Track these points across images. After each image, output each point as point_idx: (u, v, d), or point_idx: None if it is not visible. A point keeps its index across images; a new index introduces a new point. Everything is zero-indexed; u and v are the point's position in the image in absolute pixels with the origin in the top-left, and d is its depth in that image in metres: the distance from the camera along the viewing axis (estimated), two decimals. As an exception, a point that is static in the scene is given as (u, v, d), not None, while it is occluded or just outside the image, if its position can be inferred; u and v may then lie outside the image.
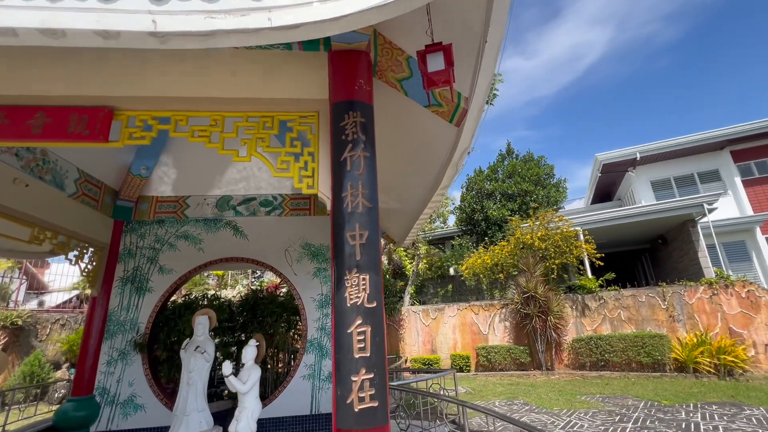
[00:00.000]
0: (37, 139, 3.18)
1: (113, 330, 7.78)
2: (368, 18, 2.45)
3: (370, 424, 2.61)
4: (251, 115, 3.56)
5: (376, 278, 2.97)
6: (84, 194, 7.38)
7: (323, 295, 8.55)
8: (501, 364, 10.69)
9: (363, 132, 3.36)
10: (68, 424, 6.93)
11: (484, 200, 19.96)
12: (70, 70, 3.35)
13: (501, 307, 11.62)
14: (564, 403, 6.72)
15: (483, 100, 3.51)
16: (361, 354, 2.74)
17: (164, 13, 2.22)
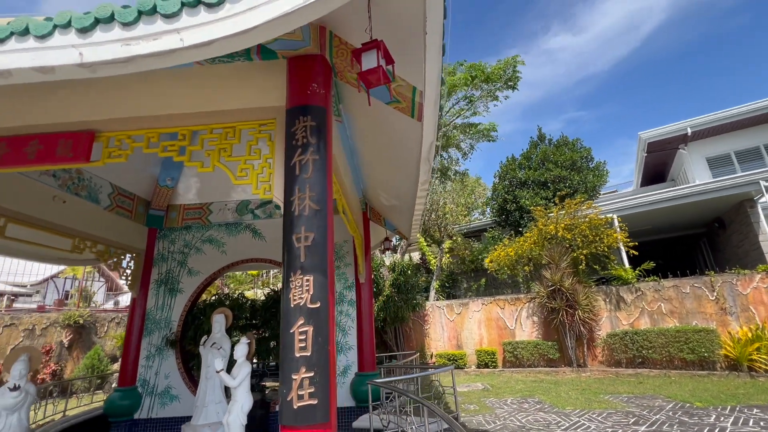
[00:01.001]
0: (32, 164, 3.62)
1: (151, 328, 8.56)
2: (276, 29, 2.51)
3: (309, 422, 2.68)
4: (215, 127, 3.75)
5: (321, 279, 3.03)
6: (118, 206, 8.18)
7: (337, 293, 8.76)
8: (528, 360, 10.25)
9: (314, 136, 3.41)
10: (115, 412, 7.78)
11: (516, 189, 19.14)
12: (58, 100, 3.75)
13: (527, 301, 11.11)
14: (582, 402, 6.33)
15: (435, 92, 3.42)
16: (301, 353, 2.82)
17: (88, 45, 2.44)
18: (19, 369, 4.56)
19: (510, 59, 15.05)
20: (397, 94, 3.79)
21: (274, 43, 3.23)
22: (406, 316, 11.41)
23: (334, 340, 3.05)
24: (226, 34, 2.44)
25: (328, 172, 3.42)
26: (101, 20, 2.44)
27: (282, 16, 2.41)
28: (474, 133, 16.99)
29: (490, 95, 15.62)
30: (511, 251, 11.08)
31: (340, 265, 8.92)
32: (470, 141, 17.58)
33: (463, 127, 16.71)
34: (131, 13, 2.43)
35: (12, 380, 4.48)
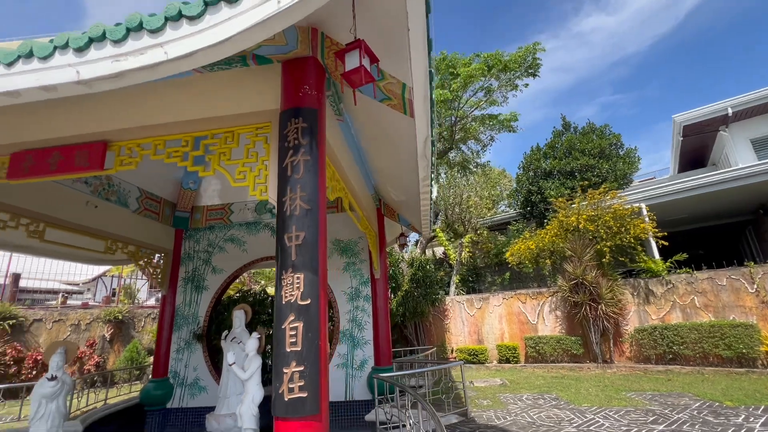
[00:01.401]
0: (54, 174, 3.94)
1: (180, 323, 9.07)
2: (253, 37, 2.59)
3: (299, 413, 2.79)
4: (215, 132, 3.92)
5: (312, 277, 3.12)
6: (146, 209, 8.70)
7: (353, 288, 8.91)
8: (551, 355, 9.97)
9: (305, 137, 3.49)
10: (150, 401, 8.33)
11: (541, 180, 18.55)
12: (74, 114, 4.05)
13: (550, 295, 10.77)
14: (601, 399, 6.12)
15: (424, 87, 3.41)
16: (292, 348, 2.92)
17: (84, 63, 2.63)
18: (57, 361, 5.00)
19: (530, 46, 14.51)
20: (388, 92, 3.80)
21: (261, 49, 3.32)
22: (426, 311, 11.40)
23: (325, 336, 3.13)
24: (205, 45, 2.56)
25: (320, 173, 3.49)
26: (94, 39, 2.62)
27: (256, 24, 2.49)
28: (494, 123, 16.55)
29: (509, 84, 15.16)
30: (532, 244, 10.76)
31: (355, 261, 9.05)
32: (490, 132, 17.16)
33: (482, 118, 16.33)
34: (120, 31, 2.59)
35: (50, 371, 4.92)
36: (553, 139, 19.84)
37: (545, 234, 10.53)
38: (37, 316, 10.43)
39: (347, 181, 5.72)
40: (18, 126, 4.07)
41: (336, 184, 5.18)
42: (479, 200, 21.53)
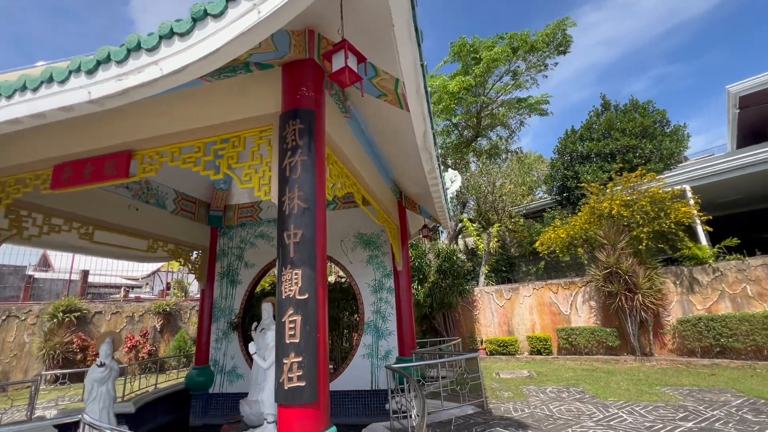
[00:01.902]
0: (89, 183, 4.37)
1: (217, 314, 9.72)
2: (238, 47, 2.73)
3: (297, 401, 2.97)
4: (224, 137, 4.14)
5: (309, 273, 3.26)
6: (182, 210, 9.34)
7: (376, 281, 9.06)
8: (585, 347, 9.56)
9: (302, 138, 3.62)
10: (194, 386, 9.05)
11: (577, 164, 17.63)
12: (104, 128, 4.45)
13: (583, 285, 10.27)
14: (630, 394, 5.83)
15: (415, 81, 3.40)
16: (291, 340, 3.10)
17: (94, 84, 2.90)
18: (105, 349, 5.59)
19: (558, 22, 13.67)
20: (382, 87, 3.83)
21: (252, 57, 3.45)
22: (454, 302, 11.32)
23: (324, 329, 3.27)
24: (196, 58, 2.73)
25: (318, 172, 3.61)
26: (101, 61, 2.88)
27: (240, 35, 2.62)
28: (524, 107, 15.85)
29: (538, 66, 14.41)
30: (563, 233, 10.28)
31: (378, 254, 9.18)
32: (519, 117, 16.46)
33: (510, 103, 15.68)
34: (122, 52, 2.83)
35: (100, 359, 5.51)
36: (591, 119, 18.73)
37: (576, 221, 10.02)
38: (98, 309, 11.62)
39: (359, 176, 5.81)
40: (58, 142, 4.54)
41: (345, 180, 5.29)
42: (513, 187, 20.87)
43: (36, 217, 6.20)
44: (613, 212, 8.83)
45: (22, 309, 10.69)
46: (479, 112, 14.84)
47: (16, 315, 10.49)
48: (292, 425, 2.96)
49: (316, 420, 2.98)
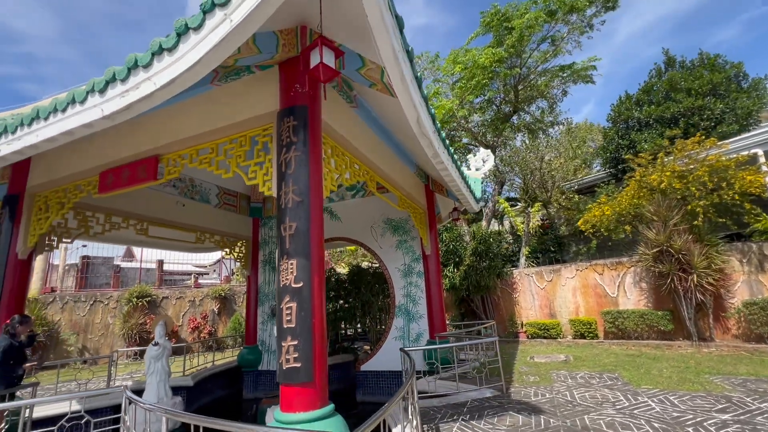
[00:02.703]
0: (126, 186, 4.93)
1: (262, 299, 10.50)
2: (217, 55, 2.91)
3: (294, 381, 3.22)
4: (233, 137, 4.43)
5: (304, 263, 3.46)
6: (225, 204, 10.11)
7: (406, 265, 9.17)
8: (634, 331, 8.86)
9: (296, 134, 3.78)
10: (245, 364, 9.95)
11: (633, 132, 16.04)
12: (136, 137, 4.95)
13: (631, 265, 9.43)
14: (671, 382, 5.39)
15: (398, 69, 3.38)
16: (288, 325, 3.34)
17: (105, 102, 3.27)
18: (158, 331, 6.36)
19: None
20: (369, 77, 3.83)
21: (240, 61, 3.62)
22: (491, 285, 11.06)
23: (319, 315, 3.46)
24: (183, 70, 2.97)
25: (312, 166, 3.75)
26: (109, 81, 3.24)
27: (218, 43, 2.79)
28: (569, 74, 14.56)
29: (581, 26, 13.06)
30: (608, 209, 9.46)
31: (407, 239, 9.25)
32: (564, 86, 15.16)
33: (552, 71, 14.47)
34: (123, 71, 3.15)
35: (155, 339, 6.30)
36: (650, 81, 16.84)
37: (622, 197, 9.17)
38: (165, 294, 13.12)
39: (372, 165, 5.87)
40: (102, 152, 5.16)
41: (354, 170, 5.40)
42: (564, 161, 19.58)
43: (99, 217, 7.12)
44: (661, 185, 7.94)
45: (105, 295, 12.41)
46: (516, 84, 13.91)
47: (100, 300, 12.22)
48: (291, 401, 3.23)
49: (311, 397, 3.22)
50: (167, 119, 4.83)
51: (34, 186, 5.85)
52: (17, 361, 4.27)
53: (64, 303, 11.71)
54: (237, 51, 3.18)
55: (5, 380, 4.17)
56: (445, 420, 4.34)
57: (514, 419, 4.21)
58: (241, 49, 3.22)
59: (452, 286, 11.65)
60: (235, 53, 3.19)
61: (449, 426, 4.14)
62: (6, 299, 5.52)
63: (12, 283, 5.60)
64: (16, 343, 4.41)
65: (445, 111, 12.62)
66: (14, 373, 4.20)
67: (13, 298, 5.60)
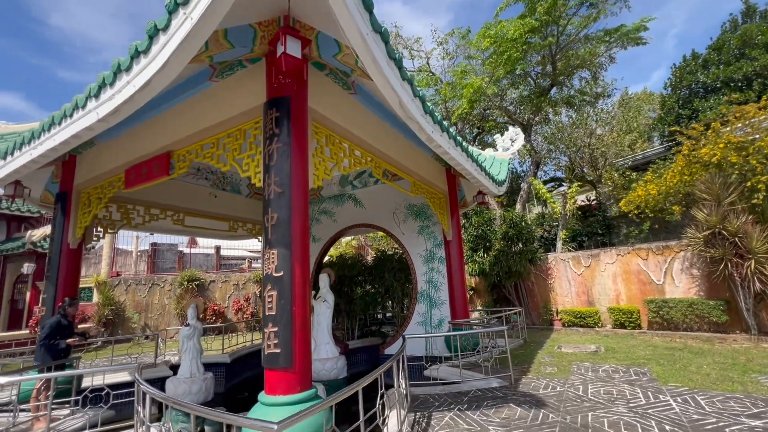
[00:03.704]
0: (145, 181, 5.34)
1: (294, 283, 10.97)
2: (184, 55, 3.01)
3: (274, 365, 3.36)
4: (230, 132, 4.58)
5: (284, 252, 3.55)
6: (255, 193, 10.59)
7: (428, 251, 9.04)
8: (683, 322, 7.96)
9: (278, 126, 3.84)
10: (279, 344, 10.57)
11: (696, 99, 14.20)
12: (153, 135, 5.32)
13: (679, 249, 8.39)
14: (708, 380, 4.81)
15: (367, 51, 3.26)
16: (269, 312, 3.47)
17: (99, 106, 3.54)
18: (190, 313, 6.93)
19: None
20: (346, 63, 3.74)
21: (219, 56, 3.70)
22: (523, 270, 10.54)
23: (301, 303, 3.55)
24: (155, 70, 3.11)
25: (295, 157, 3.79)
26: (101, 86, 3.49)
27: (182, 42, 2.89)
28: (618, 38, 13.02)
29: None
30: (653, 188, 8.45)
31: (429, 224, 9.08)
32: (610, 53, 13.59)
33: (597, 37, 13.01)
34: (111, 76, 3.38)
35: (188, 319, 6.87)
36: (722, 37, 14.65)
37: (669, 174, 8.14)
38: (212, 278, 14.22)
39: (377, 151, 5.80)
40: (125, 152, 5.62)
41: (355, 157, 5.37)
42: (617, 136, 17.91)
43: (139, 209, 7.82)
44: (714, 159, 6.90)
45: (161, 279, 13.75)
46: (554, 55, 12.73)
47: (157, 284, 13.57)
48: (273, 385, 3.39)
49: (290, 382, 3.35)
50: (175, 117, 5.13)
51: (79, 183, 6.54)
52: (63, 337, 4.91)
53: (127, 285, 13.16)
54: (205, 47, 3.26)
55: (51, 352, 4.81)
56: (440, 408, 4.30)
57: (511, 412, 4.06)
58: (209, 46, 3.29)
59: (482, 271, 11.31)
60: (202, 50, 3.28)
61: (442, 415, 4.10)
62: (62, 282, 6.32)
63: (66, 269, 6.37)
64: (65, 322, 5.06)
65: (473, 89, 11.99)
66: (59, 347, 4.82)
67: (68, 281, 6.38)
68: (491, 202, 13.52)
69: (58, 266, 6.33)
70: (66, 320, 5.13)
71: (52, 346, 4.82)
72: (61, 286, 6.29)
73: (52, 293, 6.22)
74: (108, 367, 4.88)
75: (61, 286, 6.29)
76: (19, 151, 4.70)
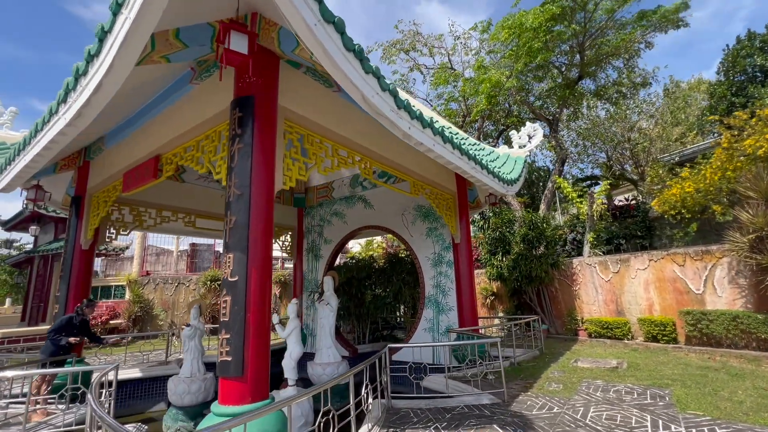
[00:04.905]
0: (139, 185, 5.46)
1: (306, 285, 10.98)
2: (130, 53, 2.96)
3: (225, 374, 3.23)
4: (208, 134, 4.56)
5: (240, 256, 3.42)
6: (268, 195, 10.74)
7: (436, 254, 8.65)
8: (726, 338, 6.95)
9: (240, 126, 3.73)
10: (292, 345, 10.60)
11: (751, 86, 12.67)
12: (143, 141, 5.46)
13: (721, 255, 7.32)
14: (739, 408, 4.06)
15: (315, 42, 3.04)
16: (223, 318, 3.35)
17: (66, 112, 3.60)
18: (192, 313, 7.07)
19: None
20: (305, 58, 3.55)
21: (174, 56, 3.63)
22: (545, 276, 9.79)
23: (257, 310, 3.40)
24: (103, 74, 3.09)
25: (256, 159, 3.66)
26: (67, 91, 3.54)
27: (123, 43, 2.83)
28: (657, 20, 11.78)
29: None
30: (689, 186, 7.46)
31: (437, 226, 8.69)
32: (647, 38, 12.33)
33: (630, 22, 11.84)
34: (73, 81, 3.42)
35: (191, 320, 7.01)
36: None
37: (707, 170, 7.16)
38: (234, 278, 14.69)
39: (365, 150, 5.58)
40: (121, 157, 5.82)
41: (340, 156, 5.18)
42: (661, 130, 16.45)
43: (150, 212, 8.13)
44: (759, 152, 5.93)
45: (186, 278, 14.36)
46: (582, 44, 11.76)
47: (183, 282, 14.17)
48: (225, 394, 3.26)
49: (241, 392, 3.20)
50: (163, 122, 5.22)
51: (91, 188, 6.87)
52: (70, 334, 5.13)
53: (156, 284, 13.85)
54: (151, 48, 3.20)
55: (53, 347, 5.03)
56: (416, 426, 3.99)
57: (492, 434, 3.68)
58: (156, 45, 3.23)
59: (500, 276, 10.71)
60: (148, 50, 3.22)
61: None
62: (74, 281, 6.66)
63: (78, 269, 6.71)
64: (77, 321, 5.29)
65: (492, 84, 11.38)
66: (59, 342, 5.03)
67: (80, 281, 6.71)
68: (513, 203, 12.80)
69: (71, 266, 6.68)
70: (79, 319, 5.36)
71: (54, 341, 5.04)
72: (74, 285, 6.63)
73: (65, 292, 6.58)
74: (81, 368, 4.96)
75: (74, 285, 6.63)
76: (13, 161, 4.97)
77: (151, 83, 4.61)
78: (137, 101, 5.15)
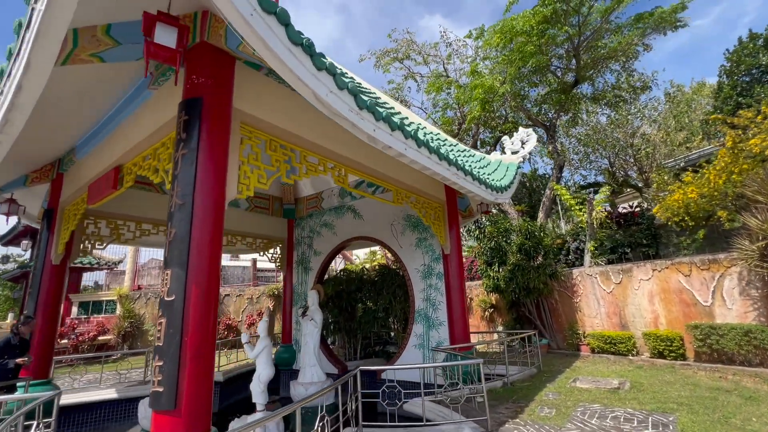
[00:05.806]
0: (102, 197, 5.19)
1: (296, 299, 10.60)
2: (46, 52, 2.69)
3: (157, 406, 2.86)
4: (164, 141, 4.29)
5: (179, 273, 3.08)
6: (255, 207, 10.45)
7: (425, 266, 8.25)
8: (738, 353, 6.39)
9: (185, 131, 3.44)
10: (281, 362, 10.15)
11: (757, 85, 12.24)
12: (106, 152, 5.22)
13: (730, 264, 6.82)
14: None
15: (252, 34, 2.75)
16: (158, 343, 3.00)
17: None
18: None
19: None
20: (248, 53, 3.25)
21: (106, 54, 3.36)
22: (544, 287, 9.29)
23: (196, 333, 3.04)
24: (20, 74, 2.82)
25: (202, 166, 3.35)
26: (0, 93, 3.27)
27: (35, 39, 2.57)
28: (654, 22, 11.45)
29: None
30: (692, 191, 7.01)
31: (426, 236, 8.31)
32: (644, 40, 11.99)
33: (626, 24, 11.52)
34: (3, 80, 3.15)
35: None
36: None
37: (710, 173, 6.71)
38: (227, 293, 14.34)
39: (338, 156, 5.27)
40: (89, 167, 5.58)
41: (309, 163, 4.88)
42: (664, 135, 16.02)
43: (129, 225, 7.86)
44: (767, 152, 5.51)
45: (178, 292, 14.10)
46: (576, 47, 11.46)
47: (174, 297, 13.91)
48: (156, 430, 2.89)
49: (174, 428, 2.82)
50: (124, 131, 4.99)
51: (63, 201, 6.64)
52: (11, 357, 4.80)
53: (147, 299, 13.57)
54: (73, 45, 2.94)
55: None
56: (384, 461, 3.56)
57: (467, 473, 3.23)
58: (79, 42, 2.96)
59: (496, 287, 10.24)
60: (70, 47, 2.95)
61: (381, 471, 3.36)
62: (43, 298, 6.35)
63: (48, 285, 6.41)
64: (15, 341, 4.96)
65: (484, 89, 11.10)
66: (6, 366, 4.71)
67: (50, 298, 6.40)
68: (510, 211, 12.37)
69: (40, 282, 6.40)
70: (17, 339, 5.04)
71: (1, 366, 4.72)
72: (42, 302, 6.30)
73: (32, 309, 6.28)
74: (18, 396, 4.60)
75: (42, 302, 6.30)
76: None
77: (103, 88, 4.38)
78: (96, 110, 4.92)
